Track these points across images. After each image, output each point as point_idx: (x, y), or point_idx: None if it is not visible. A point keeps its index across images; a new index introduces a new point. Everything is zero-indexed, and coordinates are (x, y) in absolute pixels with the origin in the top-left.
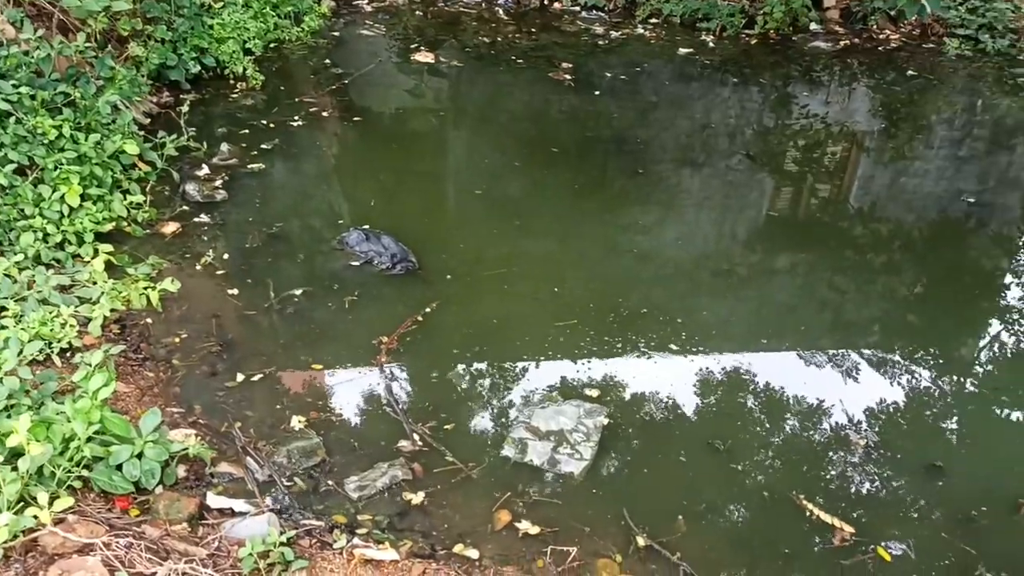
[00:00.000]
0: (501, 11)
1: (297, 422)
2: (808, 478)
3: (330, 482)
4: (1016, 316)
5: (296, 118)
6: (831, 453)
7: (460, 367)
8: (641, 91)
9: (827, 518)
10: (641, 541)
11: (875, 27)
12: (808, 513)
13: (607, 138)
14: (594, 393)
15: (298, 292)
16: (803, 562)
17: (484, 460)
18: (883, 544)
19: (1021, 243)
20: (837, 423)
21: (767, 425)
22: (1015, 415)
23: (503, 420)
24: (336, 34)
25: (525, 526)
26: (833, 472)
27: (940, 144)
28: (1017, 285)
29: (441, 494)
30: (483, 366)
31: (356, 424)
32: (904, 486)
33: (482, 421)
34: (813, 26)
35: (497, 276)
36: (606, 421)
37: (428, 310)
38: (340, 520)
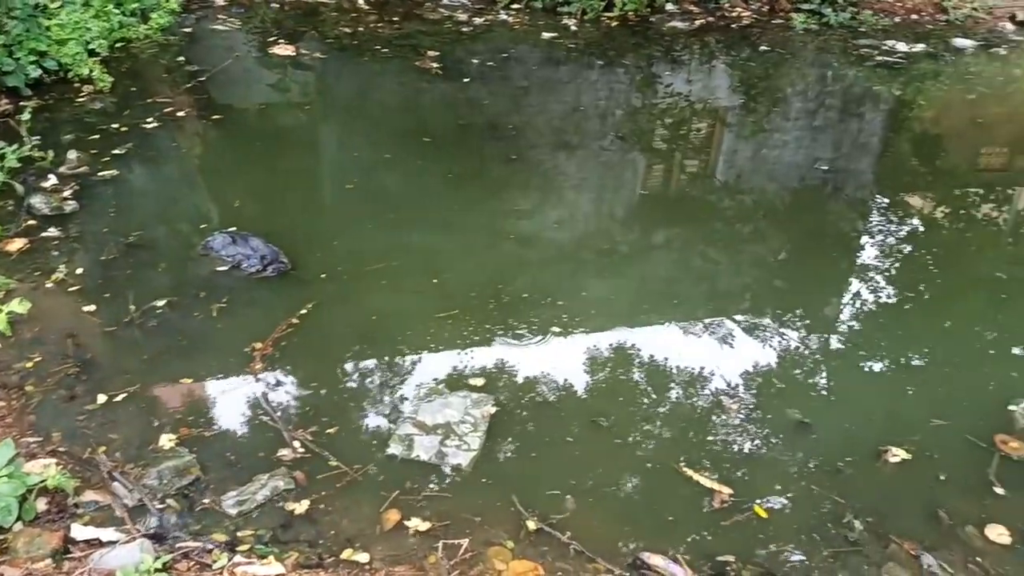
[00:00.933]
0: (361, 0)
1: (167, 441)
2: (688, 446)
3: (206, 500)
4: (871, 274)
5: (150, 120)
6: (708, 419)
7: (340, 368)
8: (510, 77)
9: (707, 482)
10: (532, 525)
11: (727, 5)
12: (689, 479)
13: (480, 125)
14: (480, 382)
15: (161, 303)
16: (686, 527)
17: (370, 461)
18: (759, 501)
19: (874, 205)
20: (714, 389)
21: (648, 398)
22: (873, 368)
23: (388, 418)
24: (188, 30)
25: (415, 523)
26: (711, 437)
27: (796, 115)
28: (872, 245)
29: (326, 500)
30: (364, 365)
31: (232, 437)
32: (776, 444)
33: (366, 421)
34: (669, 6)
35: (374, 271)
36: (493, 409)
37: (304, 311)
38: (219, 538)
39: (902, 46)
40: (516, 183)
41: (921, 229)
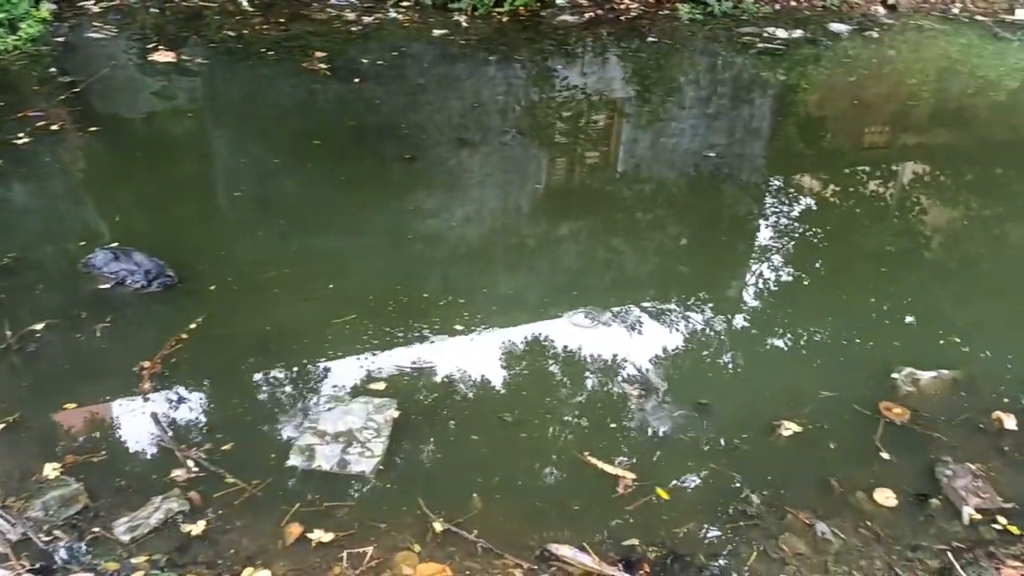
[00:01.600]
0: (245, 2)
1: (52, 470)
2: (593, 435)
3: (97, 528)
4: (767, 254)
5: (21, 135)
6: (612, 407)
7: (234, 382)
8: (403, 75)
9: (610, 469)
10: (438, 526)
11: None
12: (594, 468)
13: (373, 125)
14: (382, 387)
15: (40, 327)
16: (592, 515)
17: (269, 475)
18: (661, 484)
19: (767, 187)
20: (617, 378)
21: (553, 390)
22: (768, 345)
23: (287, 429)
24: (61, 39)
25: (318, 535)
26: (615, 425)
27: (690, 104)
28: (767, 226)
29: (224, 519)
30: (259, 377)
31: (121, 461)
32: (677, 427)
33: (264, 434)
34: (559, 0)
35: (267, 280)
36: (396, 413)
37: (193, 326)
38: (112, 567)
39: (782, 32)
40: (415, 182)
41: (813, 208)
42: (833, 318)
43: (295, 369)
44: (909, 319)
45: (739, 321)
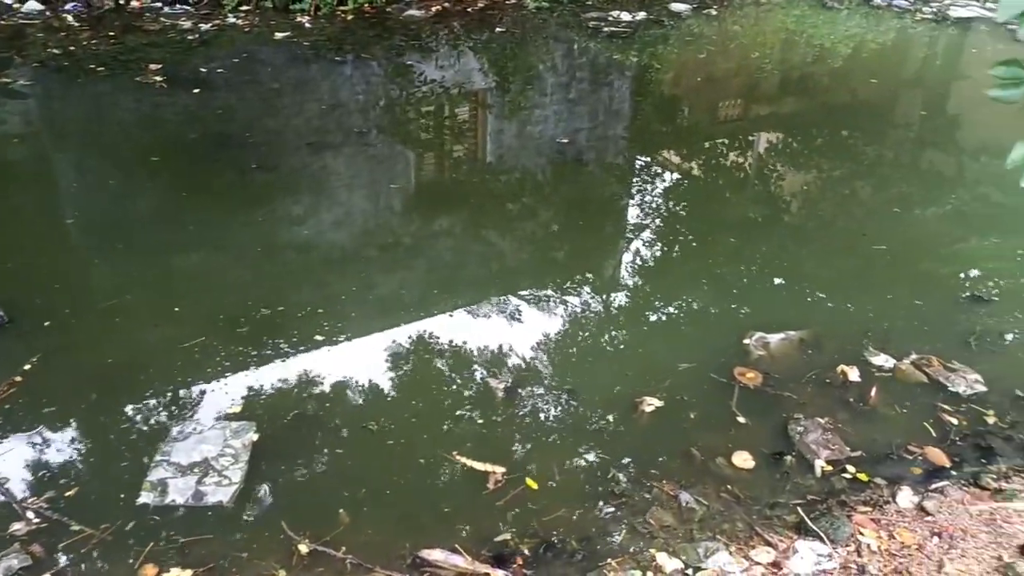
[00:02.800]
0: (71, 18)
1: None
2: (461, 433)
3: None
4: (635, 233)
5: None
6: (479, 403)
7: (76, 423)
8: (246, 82)
9: (480, 466)
10: (304, 548)
11: None
12: (464, 467)
13: (218, 135)
14: (238, 410)
15: None
16: (464, 515)
17: (119, 517)
18: (532, 475)
19: (633, 167)
20: (484, 372)
21: (419, 393)
22: (632, 322)
23: (137, 466)
24: None
25: (175, 574)
26: (482, 420)
27: (552, 91)
28: (635, 205)
29: (72, 569)
30: (104, 414)
31: None
32: (544, 415)
33: (112, 474)
34: None
35: (106, 310)
36: (255, 436)
37: (27, 367)
38: None
39: (626, 16)
40: (264, 191)
41: (676, 183)
42: (693, 290)
43: (142, 401)
44: (762, 284)
45: (604, 302)
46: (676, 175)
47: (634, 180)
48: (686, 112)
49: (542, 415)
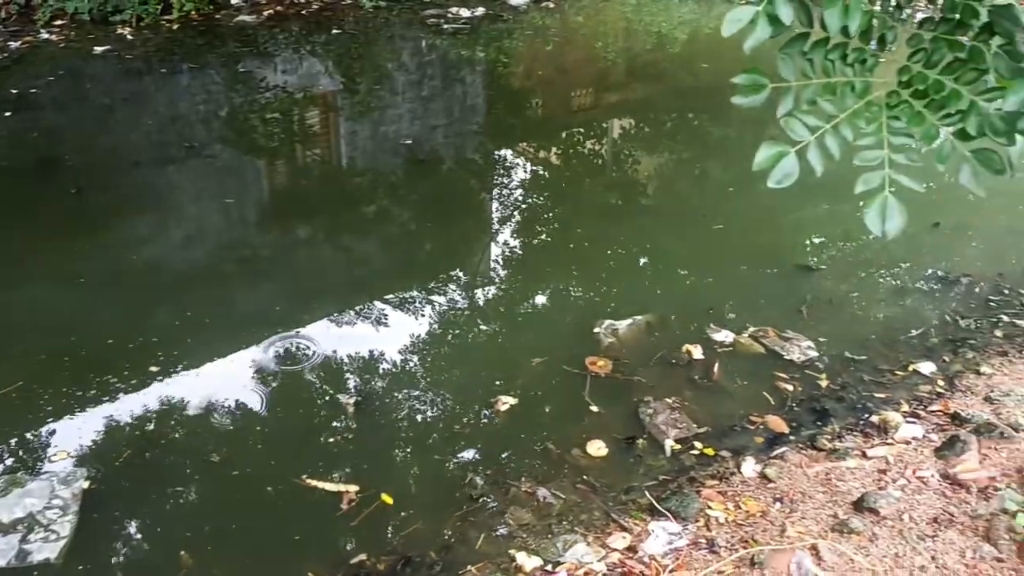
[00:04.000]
0: None
1: None
2: (309, 455)
3: None
4: (488, 231)
5: None
6: (328, 422)
7: None
8: (74, 100)
9: (331, 487)
10: None
11: None
12: (314, 490)
13: (32, 159)
14: (66, 456)
15: None
16: (317, 540)
17: None
18: (387, 490)
19: (494, 160)
20: (333, 388)
21: (264, 416)
22: (484, 322)
23: None
24: None
25: None
26: (332, 440)
27: (403, 89)
28: (491, 202)
29: None
30: None
31: None
32: (396, 427)
33: None
34: (235, 0)
35: None
36: (86, 483)
37: None
38: None
39: (465, 12)
40: (86, 217)
41: (534, 175)
42: (546, 283)
43: None
44: (611, 271)
45: (459, 303)
46: (533, 167)
47: (492, 175)
48: (540, 104)
49: (395, 426)
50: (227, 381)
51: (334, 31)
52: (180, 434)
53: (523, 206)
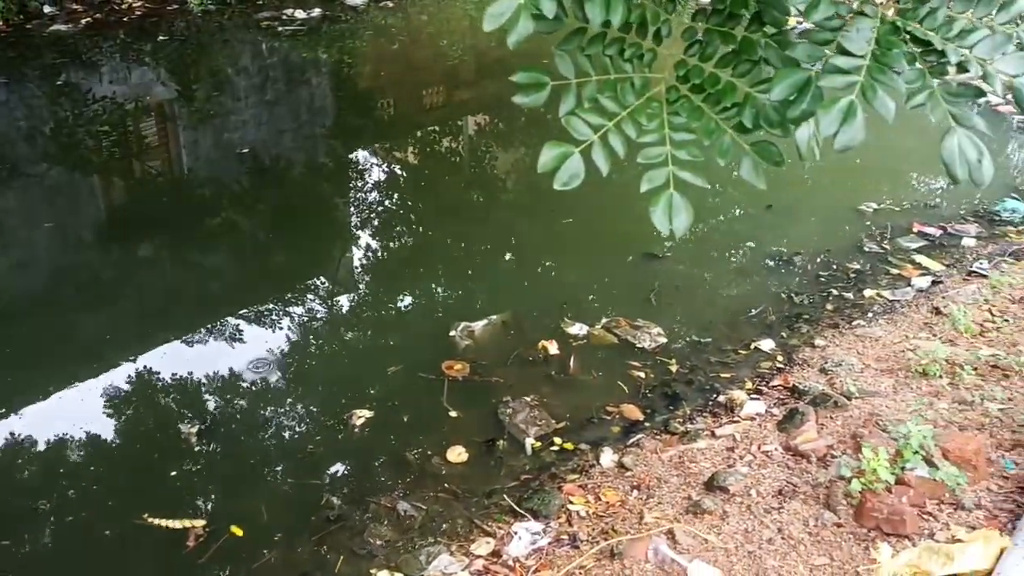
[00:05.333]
0: None
1: None
2: (152, 493)
3: None
4: (344, 238)
5: None
6: (170, 455)
7: None
8: None
9: (176, 524)
10: None
11: None
12: (158, 529)
13: None
14: None
15: None
16: None
17: None
18: (237, 521)
19: (343, 165)
20: (174, 419)
21: (98, 454)
22: (337, 334)
23: None
24: None
25: None
26: (175, 474)
27: (245, 94)
28: (343, 207)
29: None
30: None
31: None
32: (243, 453)
33: None
34: (47, 9)
35: None
36: None
37: None
38: None
39: (301, 13)
40: None
41: (392, 176)
42: (402, 288)
43: None
44: (466, 272)
45: (310, 315)
46: (387, 168)
47: (345, 179)
48: (390, 103)
49: (243, 452)
50: (57, 418)
51: (162, 38)
52: (2, 481)
53: (377, 209)
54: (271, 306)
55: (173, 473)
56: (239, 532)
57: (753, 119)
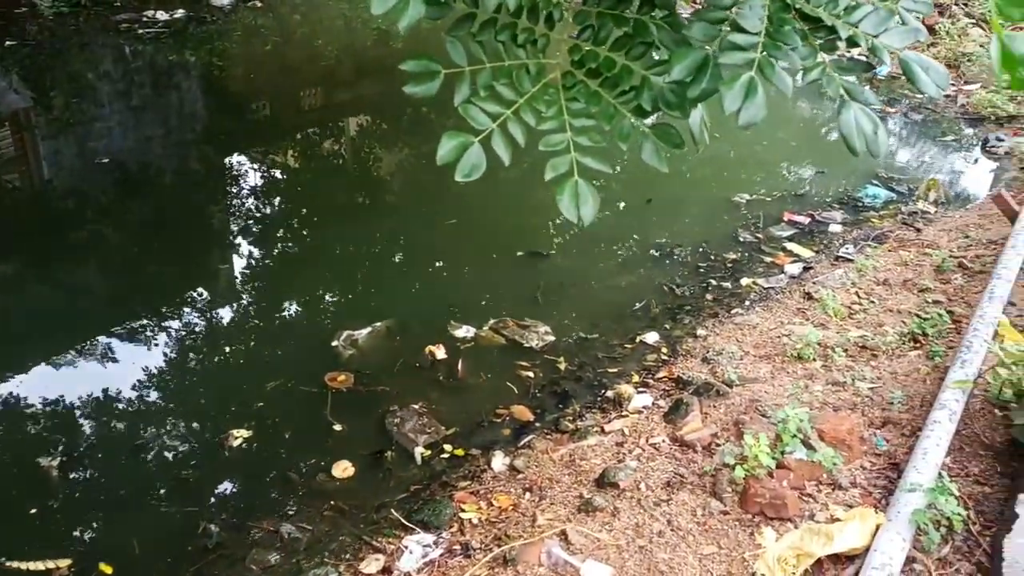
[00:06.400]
0: None
1: None
2: (8, 534)
3: None
4: (216, 250)
5: None
6: (31, 489)
7: None
8: None
9: (38, 566)
10: None
11: None
12: (17, 571)
13: None
14: None
15: None
16: None
17: None
18: (106, 558)
19: (214, 171)
20: (33, 451)
21: None
22: (211, 353)
23: None
24: None
25: None
26: (35, 511)
27: (109, 100)
28: (220, 215)
29: None
30: None
31: None
32: (111, 483)
33: None
34: None
35: None
36: None
37: None
38: None
39: (163, 15)
40: None
41: (271, 179)
42: (281, 298)
43: None
44: (349, 279)
45: (183, 331)
46: (265, 173)
47: (219, 185)
48: (266, 106)
49: (110, 483)
50: None
51: (10, 42)
52: None
53: (255, 217)
54: (141, 324)
55: (33, 511)
56: (108, 570)
57: (652, 102)
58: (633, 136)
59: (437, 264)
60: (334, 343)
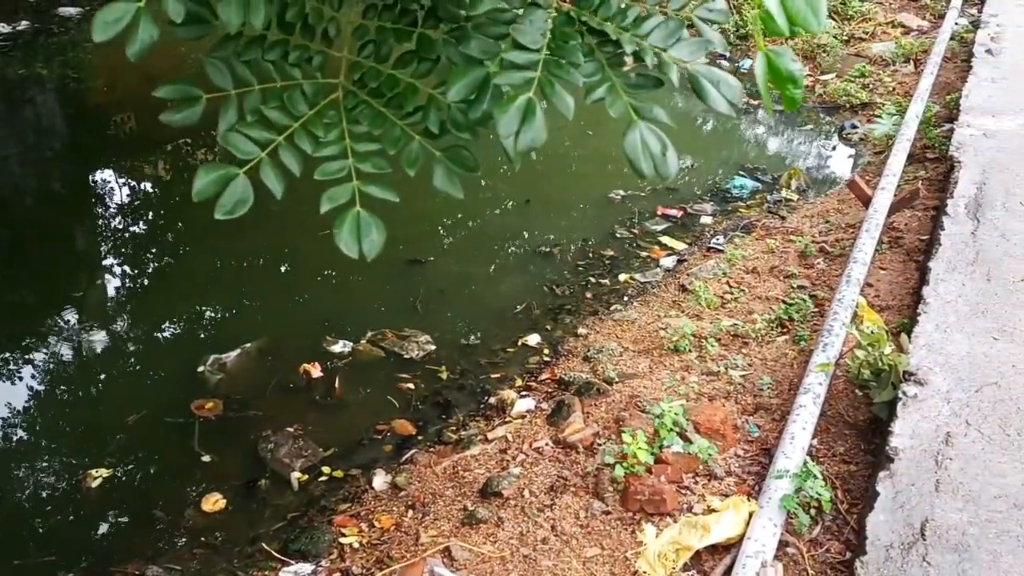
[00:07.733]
0: None
1: None
2: None
3: None
4: (88, 268)
5: None
6: None
7: None
8: None
9: None
10: None
11: None
12: None
13: None
14: None
15: None
16: None
17: None
18: None
19: (73, 190)
20: None
21: None
22: (67, 387)
23: None
24: None
25: None
26: None
27: None
28: (84, 233)
29: None
30: None
31: None
32: None
33: None
34: None
35: None
36: None
37: None
38: None
39: (4, 27)
40: None
41: (136, 196)
42: (144, 324)
43: None
44: (214, 298)
45: (34, 365)
46: (129, 189)
47: (81, 204)
48: (130, 118)
49: None
50: None
51: None
52: None
53: (116, 237)
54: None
55: None
56: None
57: (439, 123)
58: (423, 160)
59: (310, 278)
60: (200, 368)
